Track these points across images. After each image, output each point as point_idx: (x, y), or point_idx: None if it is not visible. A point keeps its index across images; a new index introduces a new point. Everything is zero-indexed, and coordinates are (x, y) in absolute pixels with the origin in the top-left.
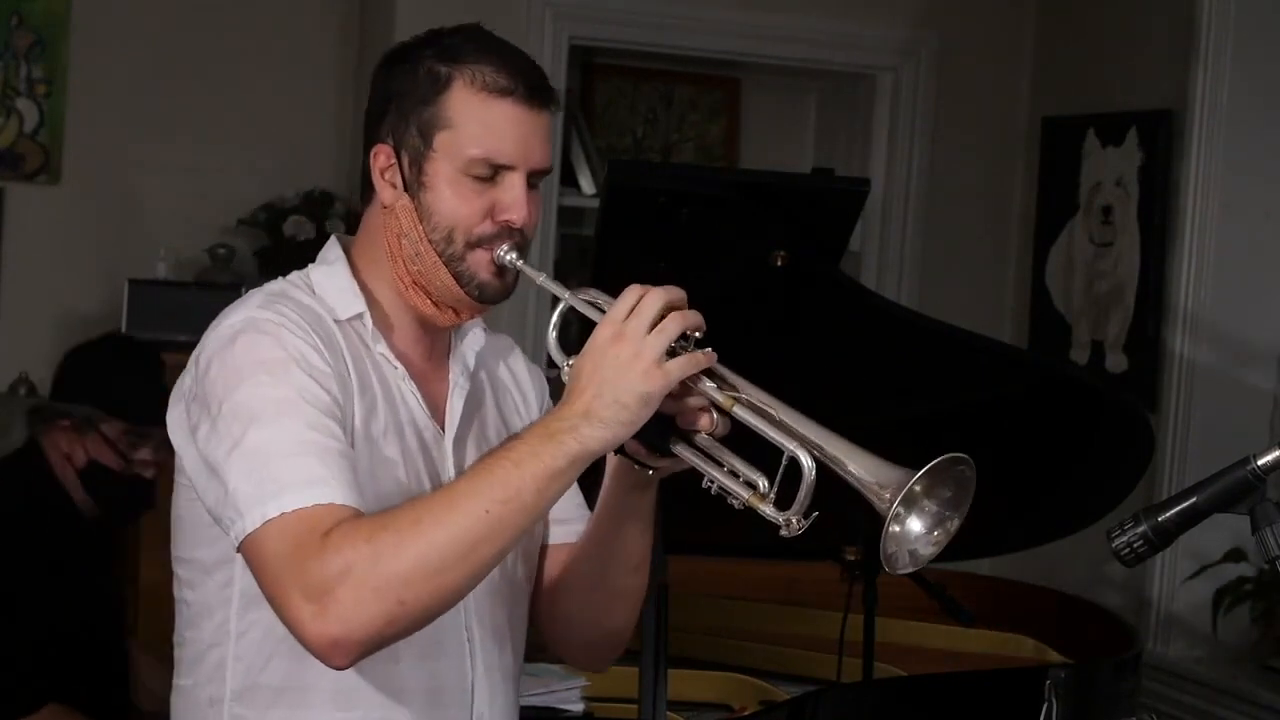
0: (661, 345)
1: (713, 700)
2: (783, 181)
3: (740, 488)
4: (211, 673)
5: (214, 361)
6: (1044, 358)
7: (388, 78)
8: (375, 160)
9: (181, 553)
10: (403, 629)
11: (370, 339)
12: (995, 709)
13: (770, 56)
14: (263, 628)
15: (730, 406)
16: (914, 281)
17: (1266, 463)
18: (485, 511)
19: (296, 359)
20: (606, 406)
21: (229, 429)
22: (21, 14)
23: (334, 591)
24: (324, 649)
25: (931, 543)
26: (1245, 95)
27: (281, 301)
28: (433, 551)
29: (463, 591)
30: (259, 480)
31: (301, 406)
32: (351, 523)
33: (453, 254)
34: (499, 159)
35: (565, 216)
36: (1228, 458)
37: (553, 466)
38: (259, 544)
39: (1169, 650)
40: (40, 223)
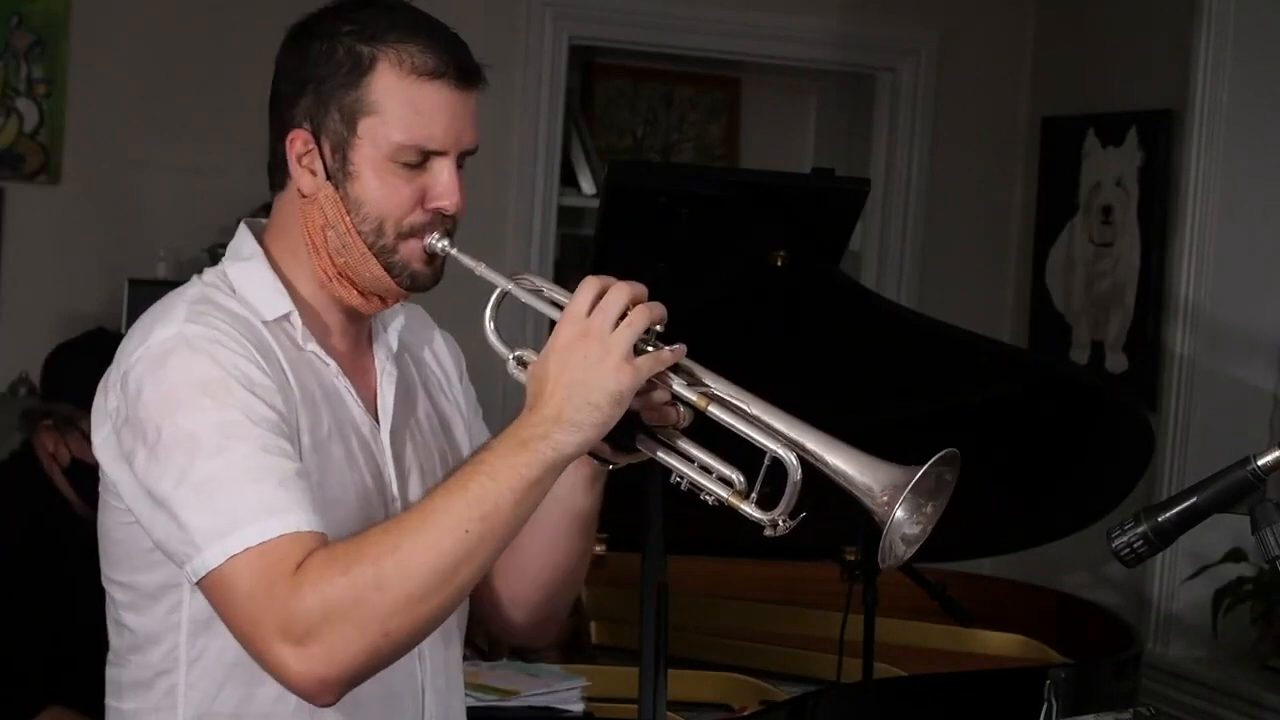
0: (629, 340)
1: (713, 700)
2: (783, 181)
3: (715, 484)
4: (160, 700)
5: (145, 384)
6: (1044, 358)
7: (302, 56)
8: (291, 146)
9: (118, 576)
10: (387, 659)
11: (300, 339)
12: (995, 709)
13: (770, 56)
14: (214, 654)
15: (705, 406)
16: (914, 281)
17: (1266, 463)
18: (465, 531)
19: (236, 377)
20: (578, 409)
21: (171, 458)
22: (21, 14)
23: (316, 632)
24: (310, 691)
25: (919, 523)
26: (1245, 95)
27: (208, 311)
28: (413, 580)
29: (446, 615)
30: (215, 512)
31: (249, 428)
32: (324, 555)
33: (384, 245)
34: (430, 145)
35: (565, 216)
36: (1228, 458)
37: (529, 477)
38: (224, 581)
39: (1169, 650)
40: (40, 223)
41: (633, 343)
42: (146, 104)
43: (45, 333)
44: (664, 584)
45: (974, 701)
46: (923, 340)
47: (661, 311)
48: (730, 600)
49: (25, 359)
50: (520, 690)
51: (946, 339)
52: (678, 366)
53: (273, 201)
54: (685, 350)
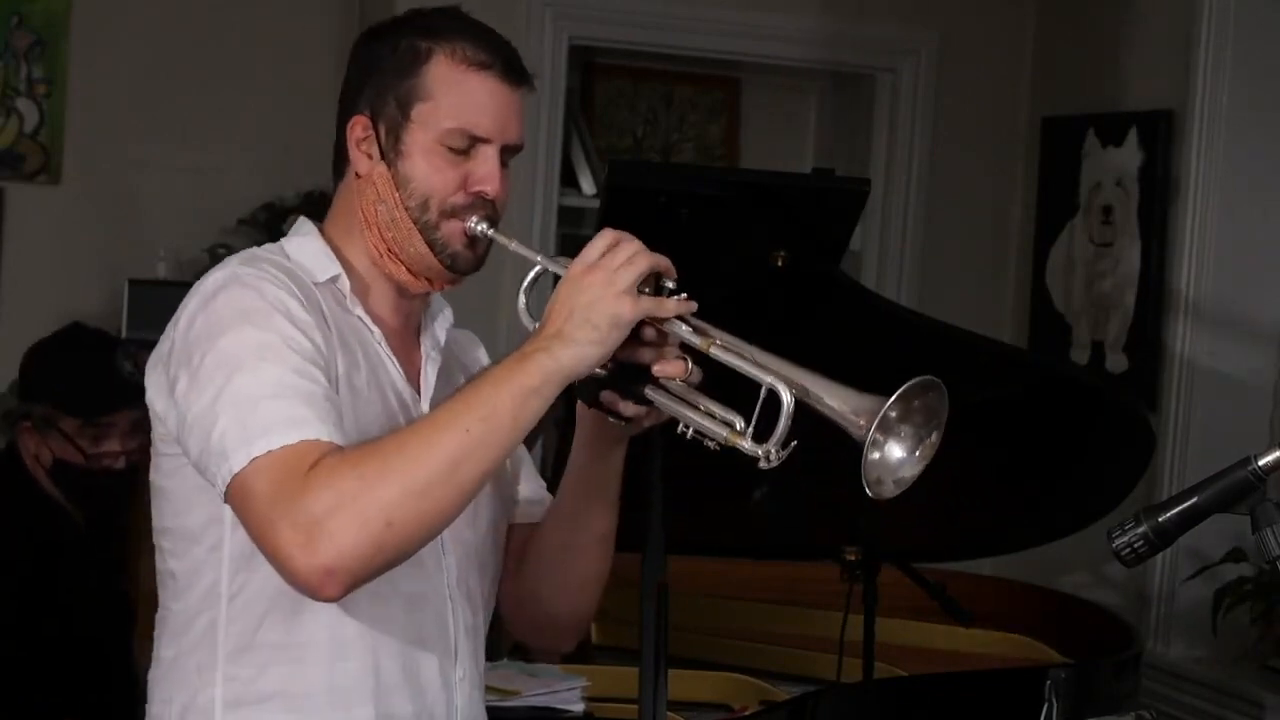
0: (632, 275)
1: (713, 700)
2: (783, 181)
3: (718, 427)
4: (199, 639)
5: (197, 317)
6: (1044, 358)
7: (367, 53)
8: (352, 132)
9: (165, 523)
10: (392, 555)
11: (349, 302)
12: (995, 709)
13: (770, 56)
14: (255, 586)
15: (707, 348)
16: (914, 281)
17: (1267, 463)
18: (466, 430)
19: (279, 308)
20: (578, 327)
21: (211, 378)
22: (21, 14)
23: (323, 522)
24: (316, 580)
25: (914, 463)
26: (1245, 95)
27: (260, 261)
28: (418, 472)
29: (448, 514)
30: (243, 423)
31: (285, 352)
32: (336, 454)
33: (427, 222)
34: (476, 131)
35: (565, 216)
36: (1228, 458)
37: (528, 384)
38: (245, 484)
39: (1169, 650)
40: (40, 223)
41: (636, 278)
42: (146, 104)
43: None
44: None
45: (974, 701)
46: (923, 340)
47: (667, 262)
48: (730, 600)
49: None
50: (520, 690)
51: (946, 339)
52: (686, 321)
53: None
54: (694, 306)
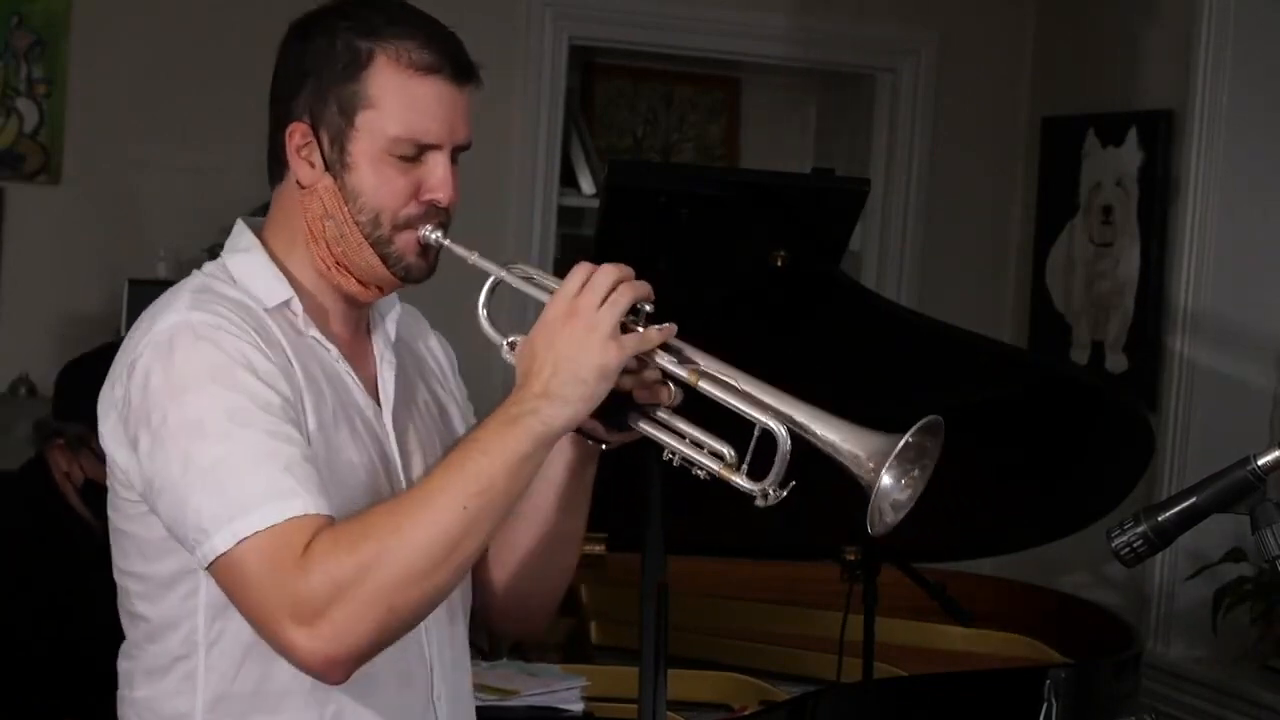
0: (614, 318)
1: (713, 700)
2: (783, 181)
3: (706, 458)
4: (178, 685)
5: (152, 371)
6: (1044, 358)
7: (301, 51)
8: (290, 138)
9: (131, 568)
10: (395, 635)
11: (301, 324)
12: (995, 709)
13: (770, 56)
14: (232, 635)
15: (695, 382)
16: (914, 281)
17: (1266, 463)
18: (463, 508)
19: (242, 363)
20: (565, 384)
21: (177, 443)
22: (21, 14)
23: (325, 612)
24: (321, 669)
25: (902, 489)
26: (1245, 95)
27: (211, 299)
28: (417, 556)
29: (450, 589)
30: (223, 497)
31: (255, 413)
32: (330, 535)
33: (380, 236)
34: (425, 139)
35: (565, 216)
36: (1228, 458)
37: (520, 451)
38: (234, 565)
39: (1169, 650)
40: (40, 223)
41: (618, 320)
42: (146, 104)
43: (45, 333)
44: (664, 584)
45: (974, 701)
46: (923, 340)
47: (647, 289)
48: (730, 600)
49: (25, 359)
50: (520, 690)
51: (946, 339)
52: (668, 346)
53: (271, 195)
54: (674, 330)
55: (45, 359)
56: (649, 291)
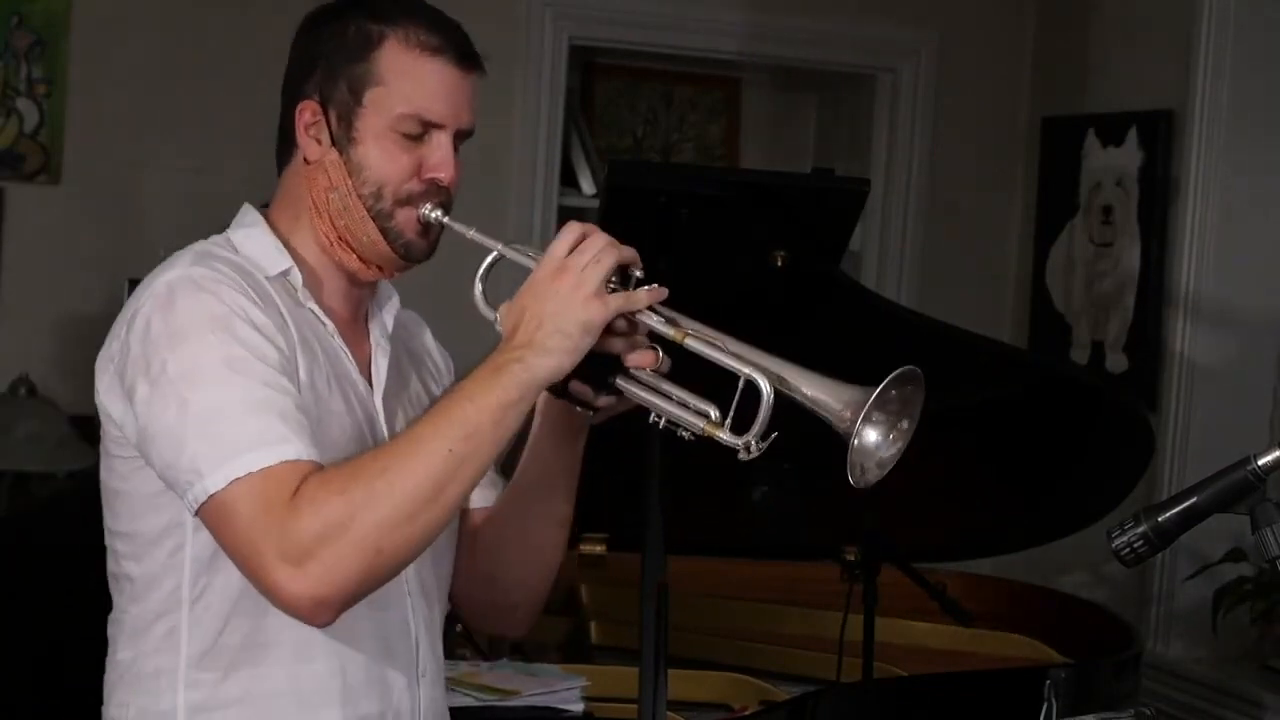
0: (599, 275)
1: (713, 700)
2: (783, 181)
3: (693, 417)
4: (159, 643)
5: (153, 320)
6: (1044, 358)
7: (314, 37)
8: (300, 116)
9: (121, 526)
10: (381, 578)
11: (301, 295)
12: (995, 709)
13: (770, 56)
14: (218, 589)
15: (681, 339)
16: (914, 281)
17: (1266, 463)
18: (449, 451)
19: (240, 315)
20: (549, 335)
21: (175, 388)
22: (21, 14)
23: (314, 551)
24: (308, 609)
25: (889, 445)
26: (1245, 95)
27: (212, 259)
28: (404, 498)
29: (435, 533)
30: (217, 440)
31: (252, 363)
32: (319, 478)
33: (381, 210)
34: (429, 116)
35: (565, 216)
36: (1228, 458)
37: (505, 398)
38: (225, 505)
39: (1169, 650)
40: (40, 223)
41: (604, 277)
42: (146, 104)
43: (45, 333)
44: (664, 584)
45: (974, 701)
46: (923, 340)
47: (633, 254)
48: (730, 600)
49: (25, 359)
50: (520, 690)
51: (946, 339)
52: (656, 310)
53: (279, 175)
54: (663, 294)
55: (45, 359)
56: (635, 256)
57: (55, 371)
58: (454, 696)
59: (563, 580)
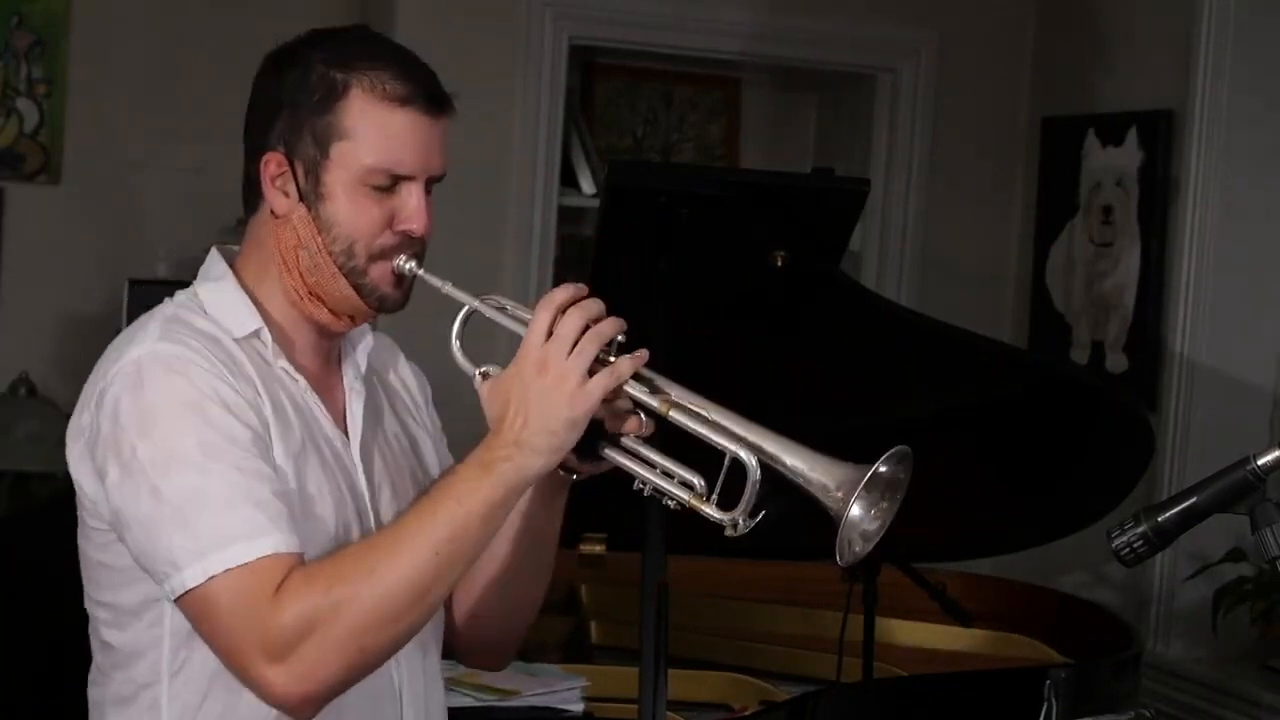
0: (582, 367)
1: (713, 700)
2: (783, 181)
3: (677, 488)
4: (143, 714)
5: (122, 402)
6: (1044, 358)
7: (276, 82)
8: (265, 168)
9: (100, 597)
10: (364, 672)
11: (270, 355)
12: (995, 709)
13: (770, 56)
14: (196, 665)
15: (666, 412)
16: (914, 281)
17: (1266, 463)
18: (435, 553)
19: (211, 397)
20: (536, 435)
21: (147, 477)
22: (21, 14)
23: (297, 650)
24: (293, 705)
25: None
26: (1245, 95)
27: (180, 330)
28: (389, 600)
29: (418, 628)
30: (193, 532)
31: (226, 449)
32: (303, 574)
33: (354, 267)
34: (399, 170)
35: (565, 216)
36: (1228, 458)
37: (493, 498)
38: (205, 600)
39: (1169, 650)
40: (40, 223)
41: (585, 368)
42: (146, 104)
43: (45, 333)
44: (664, 584)
45: (974, 701)
46: (923, 340)
47: (616, 328)
48: (730, 600)
49: (25, 359)
50: (520, 690)
51: (946, 339)
52: (639, 376)
53: (246, 221)
54: (646, 358)
55: (45, 359)
56: (619, 327)
57: (55, 371)
58: (454, 696)
59: (563, 580)
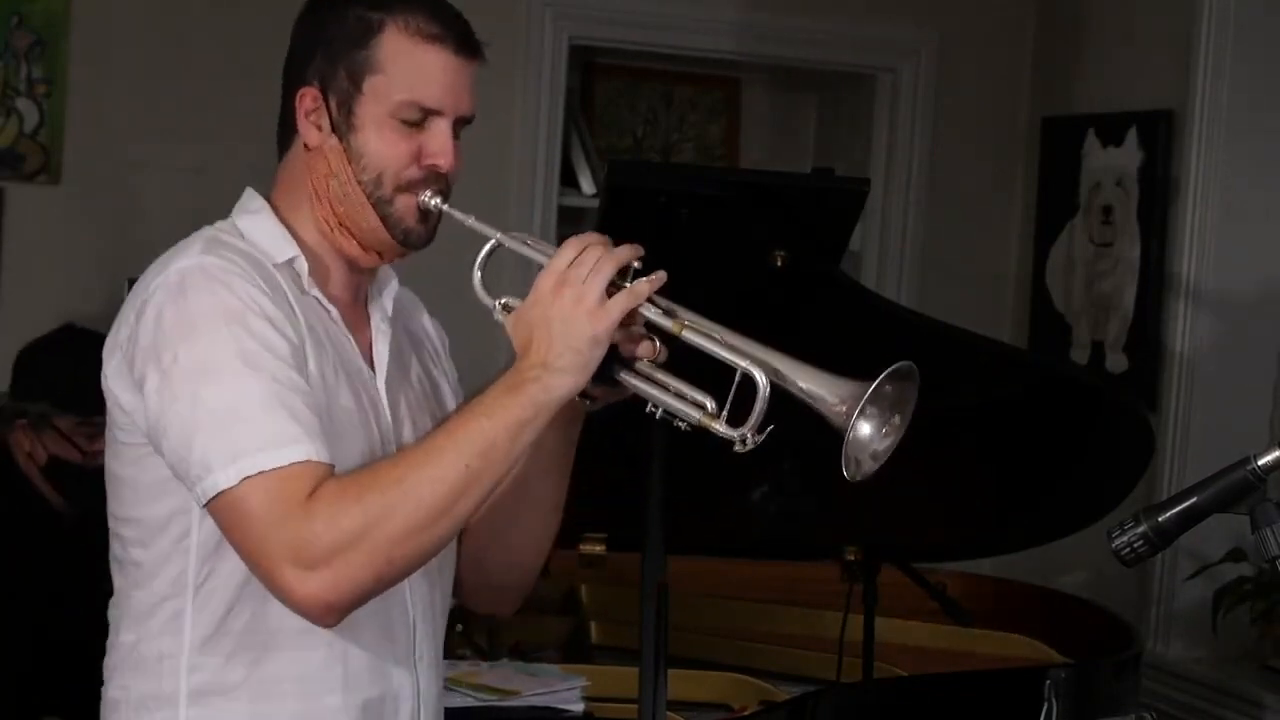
0: (600, 285)
1: (713, 700)
2: (783, 181)
3: (689, 408)
4: (163, 627)
5: (164, 310)
6: (1044, 358)
7: (314, 23)
8: (301, 103)
9: (127, 512)
10: (389, 584)
11: (305, 284)
12: (995, 709)
13: (770, 56)
14: (223, 575)
15: (679, 331)
16: (914, 281)
17: (1266, 463)
18: (465, 466)
19: (252, 308)
20: (560, 354)
21: (186, 381)
22: (21, 14)
23: (327, 558)
24: (317, 612)
25: (881, 439)
26: (1245, 95)
27: (222, 247)
28: (419, 510)
29: (445, 543)
30: (230, 436)
31: (265, 357)
32: (336, 484)
33: (381, 197)
34: (428, 103)
35: (565, 216)
36: (1228, 458)
37: (522, 416)
38: (237, 502)
39: (1169, 650)
40: (40, 223)
41: (603, 286)
42: (146, 104)
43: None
44: (664, 584)
45: (974, 701)
46: (923, 340)
47: (632, 252)
48: (730, 600)
49: None
50: (520, 690)
51: (946, 339)
52: (654, 301)
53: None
54: (663, 279)
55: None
56: (635, 253)
57: None
58: (454, 696)
59: (563, 580)
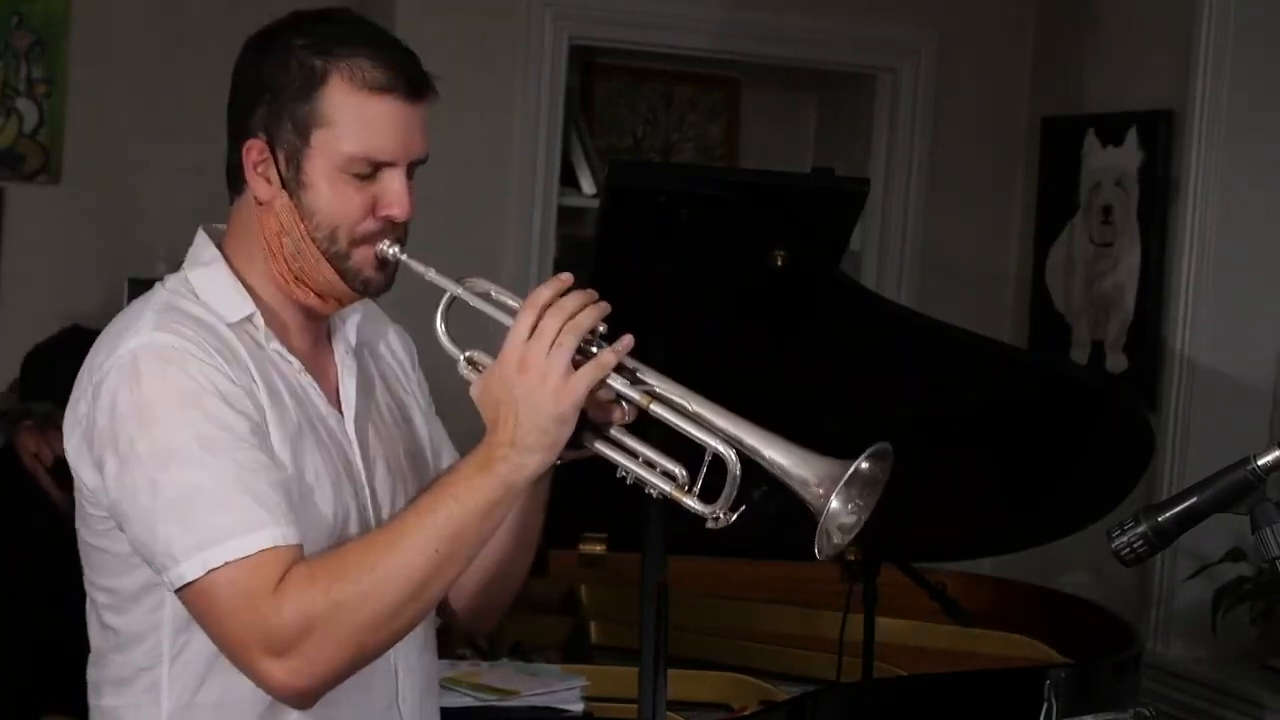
0: (563, 362)
1: (713, 700)
2: (783, 181)
3: (658, 478)
4: (142, 696)
5: (119, 394)
6: (1044, 358)
7: (257, 68)
8: (248, 155)
9: (100, 582)
10: (365, 664)
11: (263, 339)
12: (995, 709)
13: (770, 56)
14: (195, 649)
15: (647, 405)
16: (914, 281)
17: (1266, 463)
18: (435, 551)
19: (208, 389)
20: (528, 433)
21: (146, 471)
22: (21, 14)
23: (298, 646)
24: (292, 699)
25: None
26: (1245, 95)
27: (175, 318)
28: (389, 597)
29: (417, 624)
30: (193, 526)
31: (223, 440)
32: (305, 571)
33: (337, 251)
34: (380, 157)
35: (565, 216)
36: (1228, 458)
37: (491, 497)
38: (205, 593)
39: (1169, 650)
40: (40, 223)
41: (567, 362)
42: (146, 104)
43: (45, 333)
44: (664, 584)
45: (974, 701)
46: (923, 340)
47: (594, 317)
48: (730, 600)
49: None
50: (520, 690)
51: (946, 339)
52: (621, 366)
53: (231, 205)
54: (630, 345)
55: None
56: (597, 316)
57: None
58: (454, 696)
59: (563, 580)
